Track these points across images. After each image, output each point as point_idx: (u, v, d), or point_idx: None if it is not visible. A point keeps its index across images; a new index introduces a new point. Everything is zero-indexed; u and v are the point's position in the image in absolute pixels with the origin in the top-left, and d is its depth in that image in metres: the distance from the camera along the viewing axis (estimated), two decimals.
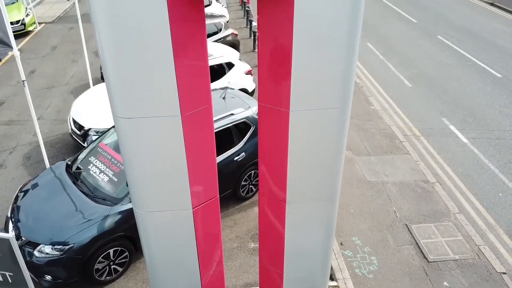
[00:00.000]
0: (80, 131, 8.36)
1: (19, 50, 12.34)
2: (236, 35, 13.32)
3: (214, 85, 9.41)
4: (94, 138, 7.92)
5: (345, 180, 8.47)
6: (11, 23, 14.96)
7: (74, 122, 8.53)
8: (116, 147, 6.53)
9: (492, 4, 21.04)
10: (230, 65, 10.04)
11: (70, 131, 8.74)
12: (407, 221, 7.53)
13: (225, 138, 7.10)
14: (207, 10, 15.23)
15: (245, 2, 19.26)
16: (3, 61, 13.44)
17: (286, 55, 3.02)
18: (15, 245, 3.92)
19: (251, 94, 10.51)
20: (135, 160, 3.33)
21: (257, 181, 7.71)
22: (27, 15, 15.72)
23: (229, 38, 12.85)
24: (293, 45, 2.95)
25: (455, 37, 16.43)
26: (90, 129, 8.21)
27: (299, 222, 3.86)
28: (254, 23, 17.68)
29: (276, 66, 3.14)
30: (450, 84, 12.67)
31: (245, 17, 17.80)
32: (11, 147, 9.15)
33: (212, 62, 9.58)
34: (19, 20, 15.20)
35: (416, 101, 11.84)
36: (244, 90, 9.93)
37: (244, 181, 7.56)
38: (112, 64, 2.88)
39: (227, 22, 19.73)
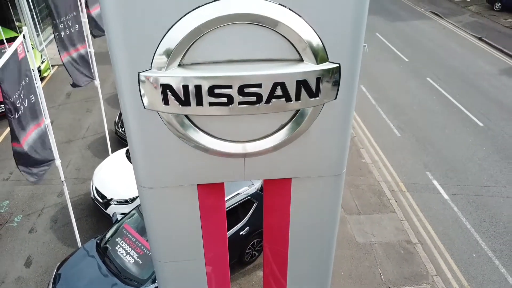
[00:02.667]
0: (102, 200, 9.44)
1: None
2: None
3: None
4: (117, 210, 9.00)
5: (337, 241, 9.54)
6: None
7: (97, 190, 9.61)
8: (140, 230, 7.61)
9: (480, 39, 22.16)
10: None
11: (92, 196, 9.82)
12: (391, 284, 8.63)
13: (232, 215, 8.18)
14: None
15: None
16: None
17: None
18: None
19: None
20: (157, 225, 4.19)
21: (260, 246, 8.81)
22: (43, 61, 16.78)
23: None
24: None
25: (443, 79, 17.53)
26: (112, 199, 9.30)
27: None
28: None
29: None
30: (436, 134, 13.76)
31: None
32: (39, 209, 10.23)
33: None
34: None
35: (404, 152, 12.94)
36: None
37: (247, 249, 8.66)
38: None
39: None
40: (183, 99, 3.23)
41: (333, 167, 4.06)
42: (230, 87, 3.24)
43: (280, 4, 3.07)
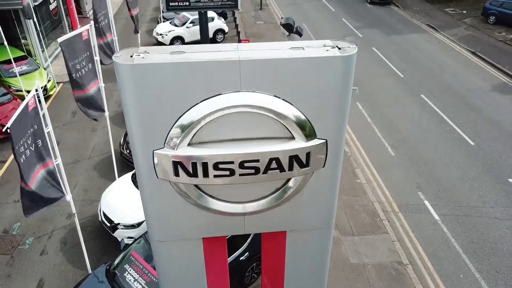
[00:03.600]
0: (109, 224, 9.95)
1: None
2: None
3: None
4: (124, 234, 9.53)
5: (332, 262, 10.09)
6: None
7: (104, 214, 10.13)
8: (146, 257, 8.14)
9: (474, 53, 22.72)
10: None
11: (100, 220, 10.34)
12: None
13: (231, 242, 8.69)
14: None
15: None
16: None
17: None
18: None
19: None
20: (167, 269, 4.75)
21: (259, 269, 9.33)
22: (49, 80, 17.32)
23: None
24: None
25: (437, 96, 18.08)
26: (119, 223, 9.82)
27: None
28: None
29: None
30: (428, 154, 14.30)
31: None
32: (49, 231, 10.75)
33: None
34: (42, 87, 16.79)
35: (398, 172, 13.47)
36: None
37: (247, 272, 9.18)
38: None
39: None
40: (191, 172, 3.79)
41: (323, 219, 4.63)
42: (232, 162, 3.80)
43: (274, 96, 3.62)
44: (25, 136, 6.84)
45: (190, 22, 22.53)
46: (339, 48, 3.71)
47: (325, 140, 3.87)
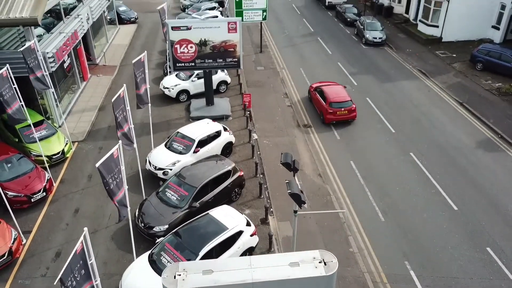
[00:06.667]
0: None
1: (61, 180, 16.09)
2: (242, 176, 16.27)
3: (227, 254, 12.41)
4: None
5: None
6: (53, 155, 18.02)
7: None
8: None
9: (461, 104, 24.21)
10: (240, 233, 13.01)
11: None
12: None
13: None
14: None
15: (246, 105, 22.47)
16: (49, 198, 16.41)
17: None
18: None
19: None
20: None
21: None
22: (66, 143, 18.69)
23: (235, 176, 15.78)
24: None
25: (425, 154, 19.50)
26: None
27: None
28: (255, 136, 20.78)
29: None
30: (415, 219, 15.67)
31: (247, 127, 20.82)
32: None
33: (225, 235, 12.55)
34: (59, 152, 18.17)
35: (387, 240, 14.83)
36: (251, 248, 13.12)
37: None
38: None
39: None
40: None
41: None
42: None
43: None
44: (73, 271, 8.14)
45: (195, 76, 24.01)
46: (325, 263, 5.12)
47: None
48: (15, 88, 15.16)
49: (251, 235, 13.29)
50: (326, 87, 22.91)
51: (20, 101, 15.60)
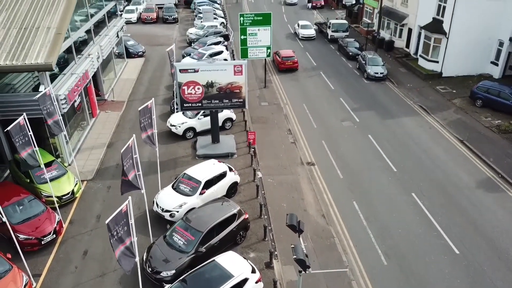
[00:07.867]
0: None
1: (70, 221, 16.55)
2: (247, 219, 16.65)
3: None
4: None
5: None
6: (63, 195, 18.50)
7: None
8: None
9: (461, 142, 24.67)
10: (245, 280, 13.31)
11: None
12: None
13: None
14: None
15: (251, 142, 23.00)
16: (59, 240, 16.78)
17: None
18: None
19: None
20: None
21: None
22: (76, 184, 19.18)
23: (240, 220, 16.15)
24: None
25: (426, 195, 19.85)
26: None
27: None
28: (259, 174, 21.24)
29: None
30: (417, 263, 15.91)
31: (251, 165, 21.28)
32: None
33: (231, 283, 12.85)
34: (69, 192, 18.65)
35: (390, 284, 15.03)
36: None
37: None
38: None
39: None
40: None
41: None
42: None
43: None
44: None
45: (202, 114, 24.68)
46: None
47: None
48: (30, 135, 15.75)
49: (256, 282, 13.57)
50: (281, 51, 37.23)
51: (34, 146, 16.18)
